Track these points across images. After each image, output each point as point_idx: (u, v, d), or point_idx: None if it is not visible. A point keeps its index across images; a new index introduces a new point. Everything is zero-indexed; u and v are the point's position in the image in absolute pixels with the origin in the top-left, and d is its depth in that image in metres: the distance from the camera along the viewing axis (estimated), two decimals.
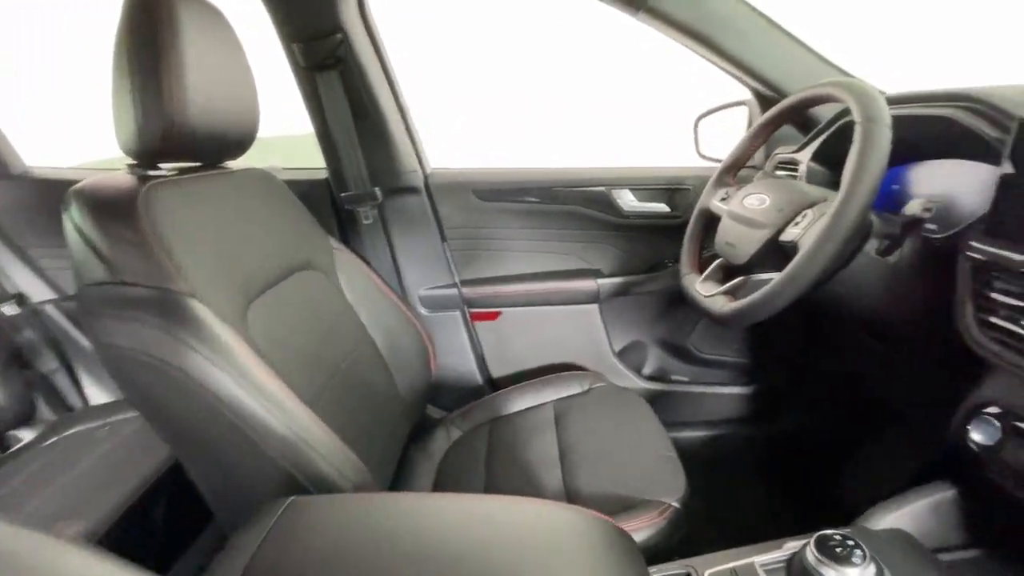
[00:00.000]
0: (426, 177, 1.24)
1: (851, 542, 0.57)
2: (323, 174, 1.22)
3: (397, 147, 1.18)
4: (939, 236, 0.70)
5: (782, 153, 0.98)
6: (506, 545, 0.49)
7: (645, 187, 1.25)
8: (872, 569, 0.55)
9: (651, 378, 1.39)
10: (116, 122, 0.65)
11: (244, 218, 0.78)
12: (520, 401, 1.13)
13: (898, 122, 0.65)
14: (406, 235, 1.26)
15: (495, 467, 0.95)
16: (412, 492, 0.94)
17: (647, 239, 1.29)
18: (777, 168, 0.99)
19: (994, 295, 0.57)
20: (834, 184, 0.80)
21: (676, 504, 0.78)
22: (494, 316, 1.33)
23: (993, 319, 0.57)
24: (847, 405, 1.24)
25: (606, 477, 0.86)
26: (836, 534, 0.59)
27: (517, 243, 1.31)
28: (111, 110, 0.65)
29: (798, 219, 0.73)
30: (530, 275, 1.31)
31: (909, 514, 0.64)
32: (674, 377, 1.40)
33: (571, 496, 0.84)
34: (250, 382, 0.62)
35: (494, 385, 1.37)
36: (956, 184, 0.73)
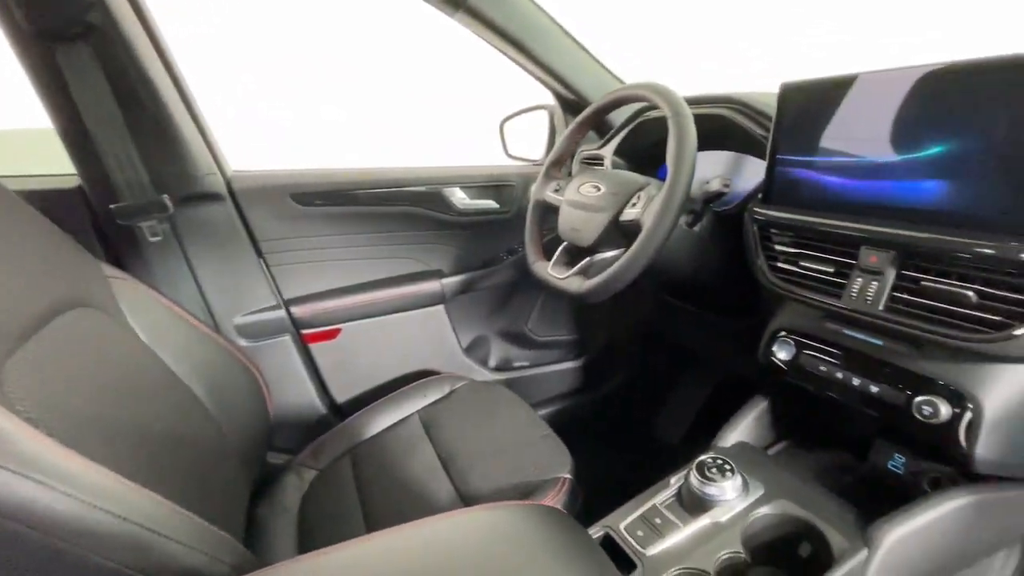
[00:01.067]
0: (228, 181, 1.04)
1: (720, 460, 0.69)
2: (72, 181, 0.91)
3: (186, 145, 0.95)
4: (728, 208, 0.90)
5: (587, 150, 1.11)
6: (463, 561, 0.45)
7: (473, 185, 1.28)
8: (738, 479, 0.68)
9: (497, 369, 1.43)
10: None
11: None
12: (380, 420, 1.04)
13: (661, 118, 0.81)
14: (210, 253, 1.03)
15: (372, 497, 0.86)
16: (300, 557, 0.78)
17: (480, 235, 1.32)
18: (583, 162, 1.12)
19: (775, 246, 0.76)
20: (639, 171, 0.95)
21: (569, 476, 0.82)
22: (332, 335, 1.19)
23: (778, 263, 0.75)
24: (658, 358, 1.49)
25: (497, 471, 0.85)
26: (708, 458, 0.70)
27: (349, 251, 1.20)
28: None
29: (633, 201, 0.84)
30: (368, 284, 1.22)
31: (743, 428, 0.80)
32: (516, 364, 1.47)
33: (468, 501, 0.81)
34: (40, 470, 0.43)
35: (341, 412, 1.24)
36: (732, 169, 0.94)
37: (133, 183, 0.90)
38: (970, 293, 0.54)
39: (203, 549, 0.50)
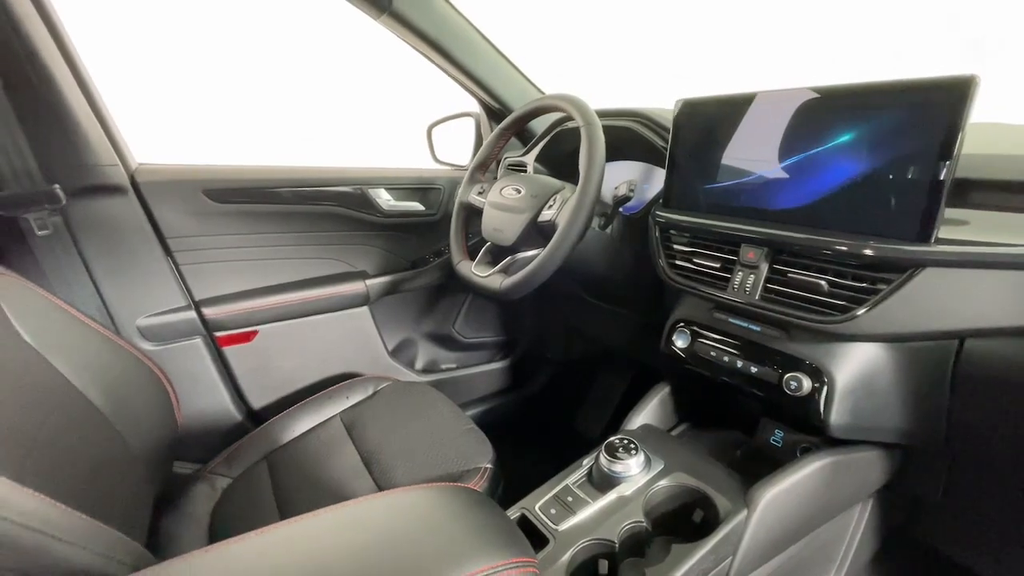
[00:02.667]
0: (132, 173, 0.98)
1: (626, 441, 0.75)
2: None
3: (82, 133, 0.89)
4: (636, 212, 0.98)
5: (510, 156, 1.16)
6: (378, 536, 0.46)
7: (400, 187, 1.29)
8: (641, 456, 0.74)
9: (424, 371, 1.44)
10: None
11: None
12: (299, 424, 1.01)
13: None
14: (109, 249, 0.96)
15: (291, 502, 0.84)
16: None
17: (407, 237, 1.33)
18: (508, 168, 1.18)
19: (674, 245, 0.84)
20: (559, 177, 1.02)
21: (490, 465, 0.85)
22: (248, 337, 1.15)
23: (676, 261, 0.83)
24: (581, 357, 1.57)
25: (419, 465, 0.86)
26: (615, 439, 0.76)
27: (267, 250, 1.16)
28: None
29: (550, 203, 0.89)
30: (288, 284, 1.19)
31: (648, 411, 0.87)
32: (443, 366, 1.49)
33: None
34: None
35: (257, 419, 1.18)
36: (641, 177, 1.03)
37: (19, 171, 0.83)
38: (823, 282, 0.64)
39: (100, 551, 0.48)
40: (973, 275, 0.55)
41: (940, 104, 0.54)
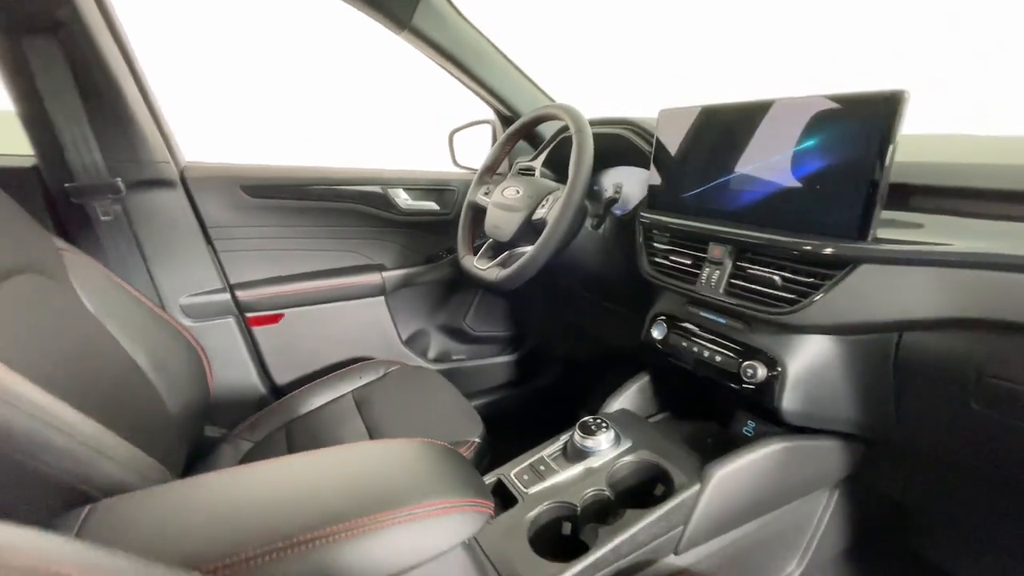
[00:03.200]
0: (181, 170, 1.12)
1: (599, 420, 0.82)
2: (28, 161, 0.98)
3: (141, 134, 1.03)
4: (626, 213, 1.04)
5: (522, 161, 1.25)
6: (366, 468, 0.55)
7: (417, 187, 1.40)
8: (612, 433, 0.81)
9: (436, 360, 1.54)
10: None
11: None
12: (315, 399, 1.12)
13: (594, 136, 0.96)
14: (160, 235, 1.10)
15: None
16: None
17: (422, 234, 1.44)
18: (519, 173, 1.26)
19: (655, 244, 0.91)
20: (564, 179, 1.09)
21: (478, 439, 0.93)
22: (275, 319, 1.27)
23: (655, 258, 0.90)
24: (585, 354, 1.63)
25: (415, 435, 0.95)
26: (589, 418, 0.83)
27: (295, 241, 1.29)
28: None
29: (544, 203, 0.97)
30: (312, 273, 1.31)
31: (627, 398, 0.94)
32: (454, 356, 1.58)
33: None
34: (3, 391, 0.51)
35: (279, 393, 1.31)
36: (628, 181, 1.10)
37: (88, 165, 0.97)
38: (777, 278, 0.69)
39: (134, 467, 0.59)
40: (905, 271, 0.60)
41: (875, 116, 0.59)
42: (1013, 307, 0.53)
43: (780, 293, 0.69)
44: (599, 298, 1.28)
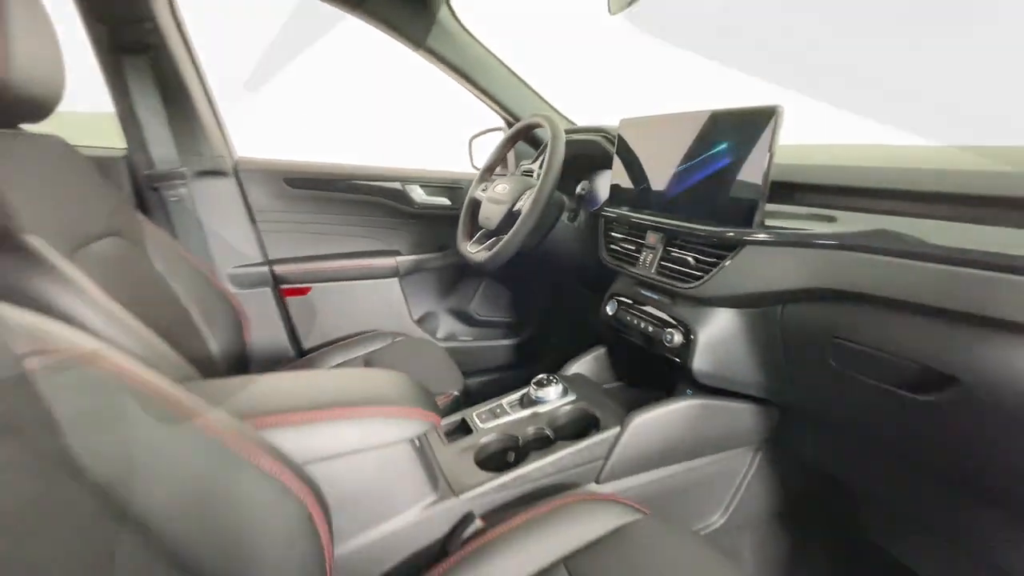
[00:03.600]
0: (235, 164, 1.37)
1: (552, 377, 0.98)
2: (121, 153, 1.25)
3: (205, 133, 1.29)
4: (596, 208, 1.20)
5: (524, 164, 1.42)
6: (352, 381, 0.74)
7: (431, 185, 1.60)
8: (560, 387, 0.96)
9: (443, 339, 1.72)
10: None
11: (47, 181, 0.81)
12: (331, 360, 1.33)
13: (570, 142, 1.12)
14: (215, 216, 1.35)
15: None
16: None
17: (435, 226, 1.64)
18: (522, 174, 1.44)
19: (612, 234, 1.06)
20: (562, 182, 1.27)
21: (456, 392, 1.11)
22: (305, 291, 1.50)
23: (611, 246, 1.05)
24: (577, 341, 1.77)
25: None
26: (544, 375, 0.99)
27: (325, 227, 1.52)
28: None
29: (523, 197, 1.15)
30: (338, 254, 1.53)
31: (583, 364, 1.09)
32: (461, 337, 1.77)
33: None
34: (101, 309, 0.73)
35: (303, 354, 1.53)
36: (601, 180, 1.26)
37: (164, 157, 1.23)
38: (690, 258, 0.84)
39: (188, 375, 0.80)
40: (777, 251, 0.73)
41: (758, 126, 0.74)
42: (858, 280, 0.66)
43: (692, 271, 0.84)
44: (583, 287, 1.44)
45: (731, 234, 0.77)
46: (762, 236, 0.74)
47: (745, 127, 0.76)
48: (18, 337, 0.37)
